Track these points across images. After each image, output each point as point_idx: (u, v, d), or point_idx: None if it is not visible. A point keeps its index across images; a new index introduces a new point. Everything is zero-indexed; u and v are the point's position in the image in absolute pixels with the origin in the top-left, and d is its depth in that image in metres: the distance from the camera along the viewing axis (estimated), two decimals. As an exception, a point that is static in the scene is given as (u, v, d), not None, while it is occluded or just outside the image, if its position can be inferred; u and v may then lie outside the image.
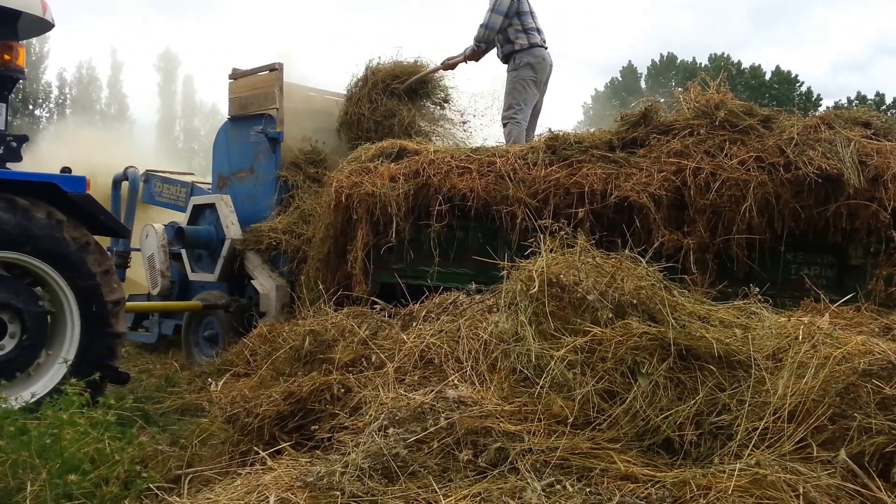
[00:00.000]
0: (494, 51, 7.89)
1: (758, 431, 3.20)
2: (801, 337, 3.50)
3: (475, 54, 7.87)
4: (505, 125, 7.67)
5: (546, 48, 7.82)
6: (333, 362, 4.41)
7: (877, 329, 3.82)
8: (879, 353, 3.25)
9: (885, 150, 5.00)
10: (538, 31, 7.75)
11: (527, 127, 7.70)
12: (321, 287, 5.78)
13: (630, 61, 58.80)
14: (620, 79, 56.95)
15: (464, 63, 8.00)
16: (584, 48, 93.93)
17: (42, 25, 5.87)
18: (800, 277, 5.05)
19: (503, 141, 7.45)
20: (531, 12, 7.77)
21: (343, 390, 4.08)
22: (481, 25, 7.65)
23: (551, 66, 7.91)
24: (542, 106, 8.02)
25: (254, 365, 5.24)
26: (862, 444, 2.98)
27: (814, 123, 5.25)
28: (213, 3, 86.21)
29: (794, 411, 3.20)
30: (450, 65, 8.09)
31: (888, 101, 49.46)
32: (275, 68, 7.95)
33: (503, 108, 7.75)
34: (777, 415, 3.22)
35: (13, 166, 5.75)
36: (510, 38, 7.70)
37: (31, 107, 48.17)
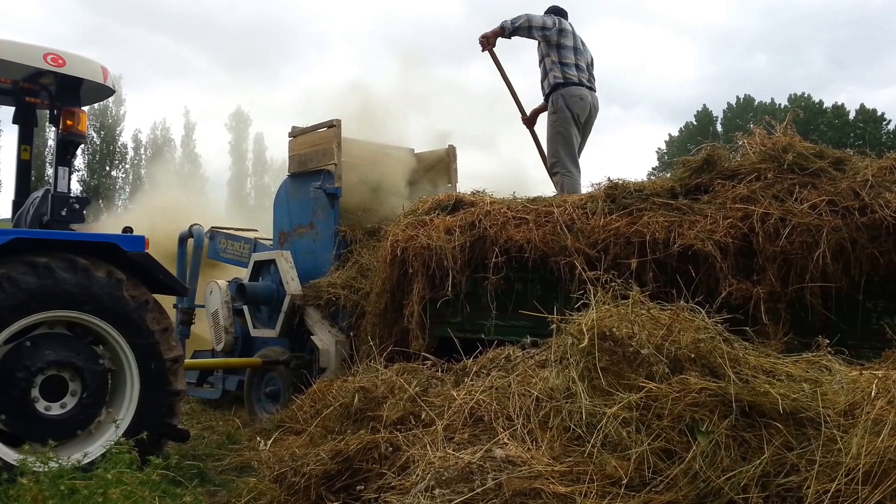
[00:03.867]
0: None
1: (829, 494, 3.03)
2: (875, 392, 3.31)
3: (493, 33, 7.68)
4: (554, 174, 7.57)
5: (587, 87, 7.69)
6: (382, 420, 4.40)
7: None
8: (962, 409, 3.05)
9: (966, 191, 4.74)
10: (578, 67, 7.63)
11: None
12: (373, 342, 5.76)
13: (704, 105, 58.34)
14: (695, 123, 56.48)
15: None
16: (658, 92, 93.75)
17: (103, 92, 6.12)
18: (881, 327, 4.77)
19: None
20: (576, 48, 7.67)
21: (391, 449, 4.07)
22: (520, 20, 7.62)
23: (594, 107, 7.77)
24: (583, 148, 7.88)
25: (305, 422, 5.23)
26: (942, 508, 2.78)
27: (889, 165, 5.05)
28: (282, 60, 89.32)
29: (870, 472, 3.04)
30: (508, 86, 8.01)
31: None
32: (333, 125, 8.10)
33: (548, 156, 7.67)
34: (850, 476, 3.06)
35: (78, 227, 5.92)
36: (547, 69, 7.64)
37: (107, 168, 50.27)
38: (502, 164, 9.83)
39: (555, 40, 7.59)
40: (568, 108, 7.56)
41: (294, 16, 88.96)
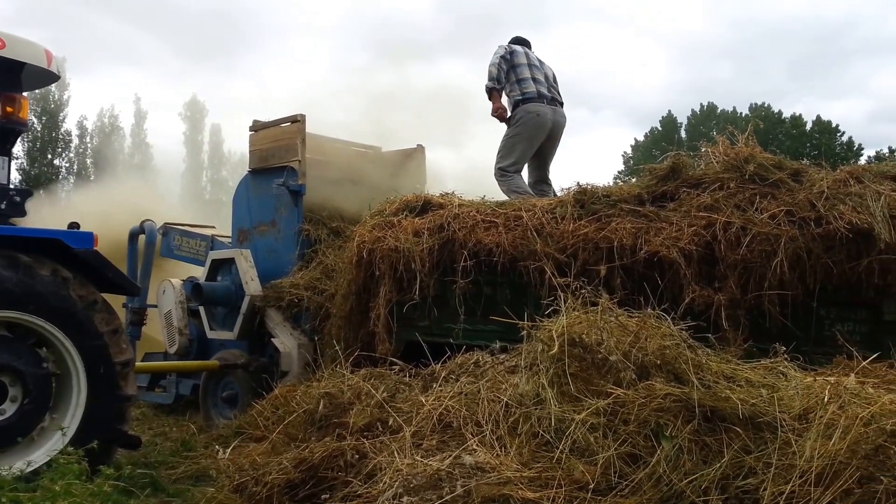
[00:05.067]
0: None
1: (784, 495, 3.31)
2: (828, 397, 3.61)
3: (494, 101, 7.93)
4: (498, 181, 7.78)
5: (545, 101, 7.92)
6: (348, 427, 4.50)
7: (909, 388, 3.90)
8: (908, 414, 3.36)
9: (916, 205, 5.12)
10: (535, 81, 7.90)
11: (538, 178, 7.90)
12: (340, 346, 5.91)
13: (670, 111, 59.54)
14: (660, 128, 57.70)
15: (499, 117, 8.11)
16: (625, 97, 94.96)
17: (47, 77, 5.99)
18: (833, 334, 5.13)
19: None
20: (531, 64, 7.97)
21: (357, 456, 4.18)
22: (487, 70, 7.90)
23: (557, 123, 8.02)
24: (550, 163, 8.18)
25: (267, 429, 5.28)
26: (889, 507, 3.08)
27: (843, 177, 5.41)
28: (242, 49, 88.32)
29: (822, 474, 3.32)
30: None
31: None
32: (297, 120, 8.15)
33: (496, 161, 7.87)
34: (804, 478, 3.34)
35: (18, 221, 5.80)
36: (507, 91, 7.95)
37: (49, 156, 49.33)
38: (472, 165, 10.00)
39: (509, 62, 7.90)
40: (523, 123, 7.82)
41: (256, 2, 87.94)
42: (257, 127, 8.63)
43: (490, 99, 7.92)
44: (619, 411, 3.84)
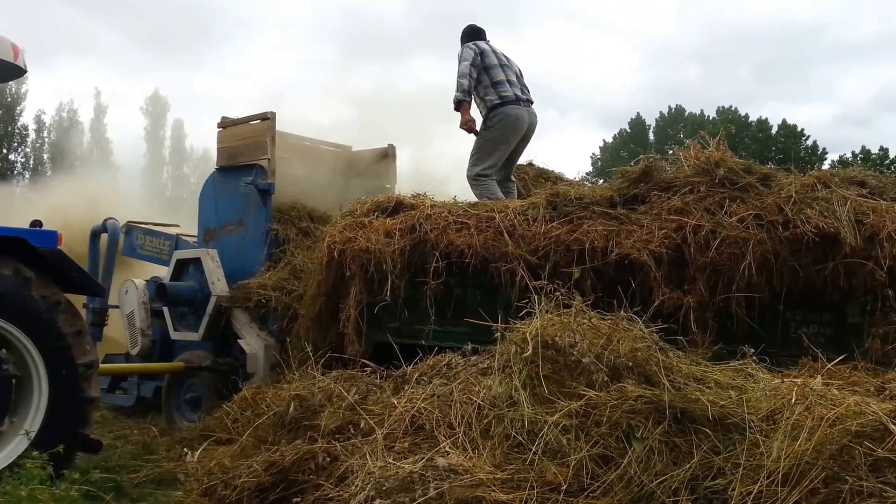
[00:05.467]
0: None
1: (752, 495, 3.42)
2: (794, 398, 3.73)
3: (460, 112, 7.82)
4: (472, 184, 7.76)
5: (522, 104, 7.87)
6: (319, 429, 4.52)
7: (872, 389, 4.05)
8: (872, 415, 3.48)
9: (880, 210, 5.31)
10: (509, 83, 7.83)
11: (503, 176, 7.89)
12: (310, 348, 5.94)
13: (638, 113, 60.24)
14: (629, 130, 58.30)
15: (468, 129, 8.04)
16: (594, 98, 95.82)
17: (13, 71, 5.92)
18: (799, 336, 5.28)
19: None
20: (502, 65, 7.88)
21: (328, 459, 4.19)
22: (457, 79, 7.76)
23: (531, 125, 7.96)
24: (519, 157, 8.17)
25: (235, 432, 5.27)
26: (854, 507, 3.19)
27: (811, 182, 5.57)
28: (207, 43, 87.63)
29: (788, 474, 3.42)
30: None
31: (892, 155, 51.19)
32: (267, 117, 8.14)
33: (469, 164, 7.83)
34: (771, 478, 3.44)
35: None
36: (481, 95, 7.84)
37: (4, 150, 48.59)
38: (444, 165, 10.05)
39: (480, 65, 7.78)
40: (503, 128, 7.76)
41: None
42: (226, 124, 8.61)
43: (458, 110, 7.78)
44: (591, 413, 3.92)
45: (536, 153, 8.31)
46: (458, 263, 5.99)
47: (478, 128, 7.87)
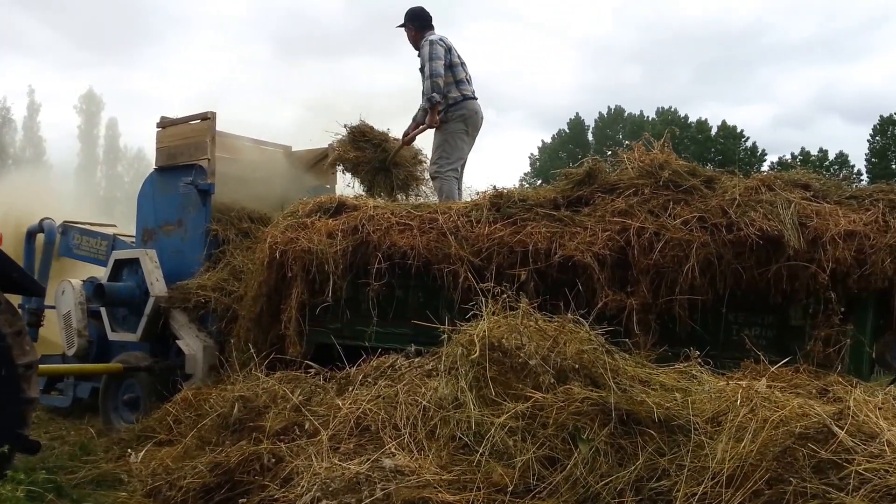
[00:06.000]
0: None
1: (696, 497, 3.41)
2: (739, 400, 3.74)
3: (431, 112, 7.87)
4: (434, 179, 7.88)
5: (476, 99, 8.07)
6: (264, 430, 4.48)
7: (814, 391, 4.08)
8: (815, 417, 3.50)
9: (823, 212, 5.33)
10: (468, 81, 8.01)
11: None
12: (252, 349, 5.84)
13: (578, 113, 60.67)
14: (568, 130, 58.76)
15: (422, 131, 8.14)
16: (533, 99, 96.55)
17: None
18: (741, 338, 5.29)
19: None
20: (462, 63, 8.02)
21: (274, 460, 4.15)
22: (427, 78, 7.77)
23: (482, 118, 8.17)
24: (467, 159, 8.22)
25: (178, 433, 5.25)
26: (797, 508, 3.21)
27: (755, 185, 5.58)
28: (141, 42, 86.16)
29: (733, 476, 3.43)
30: (409, 139, 8.27)
31: (831, 157, 52.65)
32: (207, 117, 8.06)
33: (431, 161, 7.96)
34: (716, 479, 3.45)
35: None
36: (443, 91, 7.88)
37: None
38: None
39: (447, 64, 7.88)
40: (464, 122, 7.89)
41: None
42: (165, 124, 8.51)
43: (430, 109, 7.81)
44: (537, 415, 3.89)
45: (478, 153, 8.30)
46: (401, 265, 5.95)
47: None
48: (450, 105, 7.89)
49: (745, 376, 4.32)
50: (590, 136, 57.76)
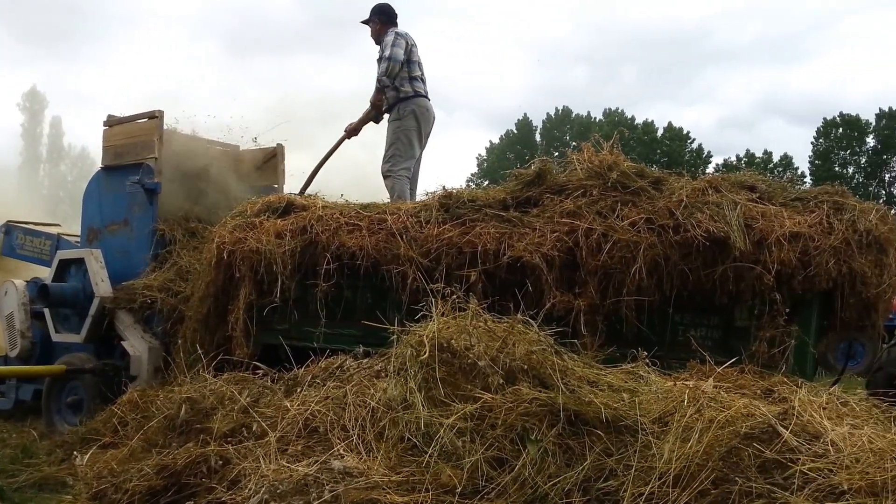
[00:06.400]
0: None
1: (643, 497, 3.41)
2: (686, 401, 3.75)
3: (377, 93, 8.00)
4: (386, 178, 7.84)
5: (429, 99, 8.09)
6: (211, 432, 4.41)
7: (759, 391, 4.10)
8: (760, 417, 3.53)
9: (769, 214, 5.37)
10: (423, 80, 8.02)
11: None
12: (199, 350, 5.74)
13: (525, 114, 60.92)
14: (515, 131, 59.01)
15: (367, 121, 8.17)
16: (481, 99, 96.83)
17: None
18: (687, 339, 5.29)
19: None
20: (419, 62, 8.03)
21: (221, 462, 4.09)
22: (383, 59, 7.77)
23: (434, 118, 8.17)
24: (421, 158, 8.25)
25: (123, 435, 5.15)
26: (741, 507, 3.23)
27: (702, 186, 5.61)
28: (87, 39, 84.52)
29: (679, 475, 3.43)
30: (353, 129, 8.21)
31: (775, 158, 53.69)
32: (154, 115, 7.97)
33: (383, 160, 7.92)
34: (662, 479, 3.45)
35: None
36: (396, 84, 7.91)
37: None
38: (336, 167, 9.90)
39: (405, 58, 7.88)
40: (416, 119, 7.88)
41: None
42: (112, 122, 8.39)
43: (378, 91, 7.97)
44: (486, 416, 3.87)
45: (425, 153, 8.28)
46: (350, 265, 5.91)
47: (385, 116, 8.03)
48: (401, 99, 7.88)
49: (691, 377, 4.34)
50: (538, 137, 58.06)
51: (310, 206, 6.37)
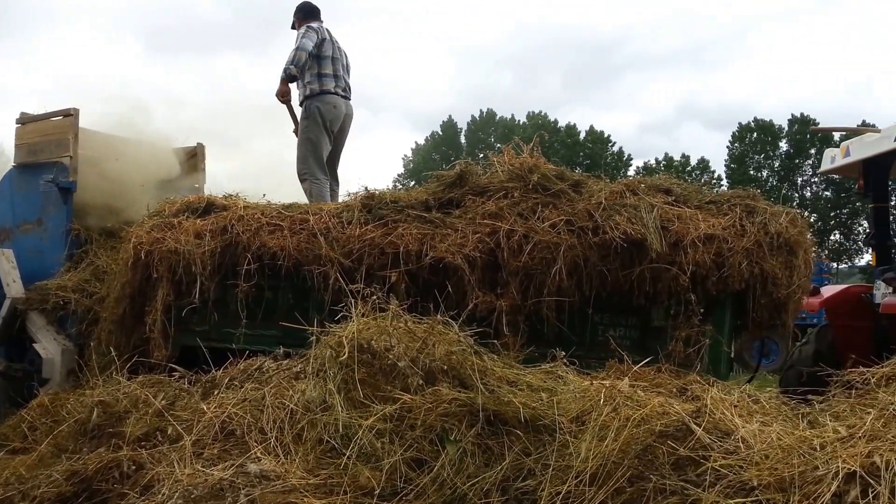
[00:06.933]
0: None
1: (560, 496, 3.42)
2: (602, 400, 3.78)
3: (282, 84, 7.93)
4: (303, 181, 7.80)
5: (342, 97, 8.04)
6: (124, 436, 4.28)
7: (674, 390, 4.17)
8: (675, 415, 3.57)
9: (684, 217, 5.49)
10: (335, 77, 7.96)
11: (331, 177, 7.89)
12: (114, 352, 5.58)
13: (451, 115, 61.34)
14: (441, 133, 59.35)
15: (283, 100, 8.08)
16: (407, 100, 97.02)
17: None
18: (606, 339, 5.38)
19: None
20: (335, 58, 7.98)
21: (134, 467, 3.98)
22: (291, 50, 7.79)
23: (348, 115, 8.13)
24: (340, 157, 8.24)
25: (33, 440, 4.95)
26: (654, 505, 3.26)
27: (620, 189, 5.70)
28: (2, 31, 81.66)
29: (596, 474, 3.43)
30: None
31: (693, 162, 55.41)
32: (70, 113, 7.78)
33: (297, 161, 7.89)
34: (579, 478, 3.45)
35: None
36: (305, 80, 7.89)
37: None
38: (257, 166, 9.79)
39: (315, 52, 7.84)
40: (321, 115, 7.85)
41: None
42: (25, 120, 8.16)
43: (283, 81, 7.90)
44: (405, 417, 3.84)
45: (351, 154, 8.25)
46: (271, 266, 5.82)
47: (295, 105, 8.05)
48: (307, 96, 7.88)
49: (608, 376, 4.39)
50: (462, 139, 58.51)
51: (230, 206, 6.26)
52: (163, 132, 8.77)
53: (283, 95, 7.97)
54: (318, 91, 7.85)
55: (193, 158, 8.81)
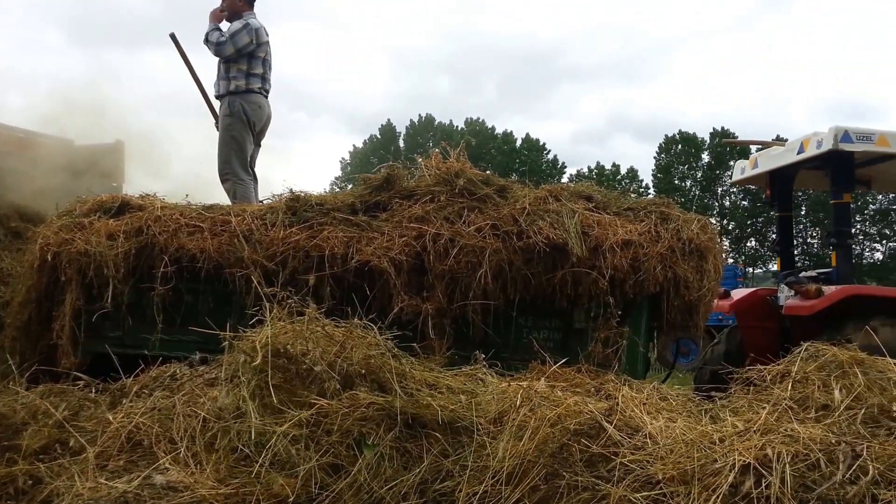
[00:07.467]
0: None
1: (478, 496, 3.48)
2: (520, 401, 3.85)
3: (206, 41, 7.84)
4: (224, 181, 7.75)
5: (265, 97, 8.02)
6: (21, 450, 4.11)
7: (592, 389, 4.27)
8: (589, 414, 3.67)
9: (604, 222, 5.69)
10: (263, 79, 7.94)
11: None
12: (13, 360, 5.43)
13: (389, 119, 61.72)
14: (379, 136, 59.63)
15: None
16: (345, 103, 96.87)
17: None
18: (530, 341, 5.52)
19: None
20: (265, 60, 7.95)
21: (31, 482, 3.85)
22: (225, 36, 7.71)
23: (269, 116, 8.10)
24: (257, 157, 8.18)
25: None
26: (570, 501, 3.36)
27: (543, 195, 5.87)
28: None
29: (512, 473, 3.53)
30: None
31: (623, 171, 57.17)
32: (-25, 107, 7.55)
33: (219, 161, 7.82)
34: (496, 478, 3.54)
35: None
36: (229, 75, 7.82)
37: None
38: (178, 165, 9.66)
39: (247, 51, 7.78)
40: (246, 114, 7.79)
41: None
42: (-78, 112, 7.85)
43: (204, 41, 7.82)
44: (322, 422, 3.84)
45: (290, 156, 8.24)
46: (190, 268, 5.74)
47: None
48: (231, 92, 7.79)
49: (529, 377, 4.47)
50: (401, 143, 58.82)
51: (147, 206, 6.13)
52: (79, 127, 8.60)
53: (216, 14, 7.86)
54: (243, 89, 7.79)
55: (112, 155, 8.64)
